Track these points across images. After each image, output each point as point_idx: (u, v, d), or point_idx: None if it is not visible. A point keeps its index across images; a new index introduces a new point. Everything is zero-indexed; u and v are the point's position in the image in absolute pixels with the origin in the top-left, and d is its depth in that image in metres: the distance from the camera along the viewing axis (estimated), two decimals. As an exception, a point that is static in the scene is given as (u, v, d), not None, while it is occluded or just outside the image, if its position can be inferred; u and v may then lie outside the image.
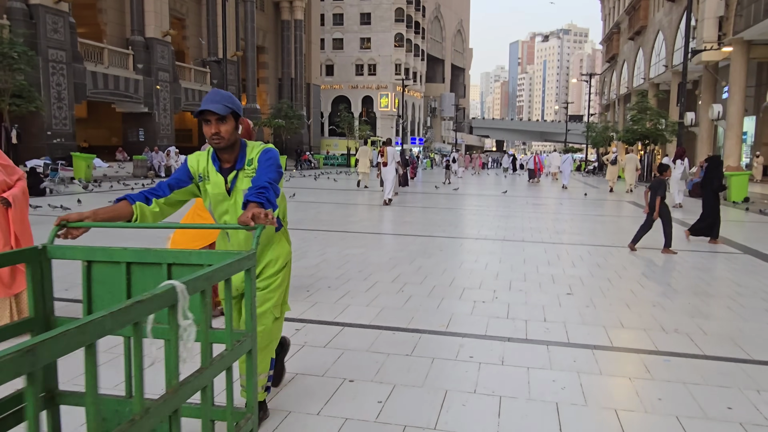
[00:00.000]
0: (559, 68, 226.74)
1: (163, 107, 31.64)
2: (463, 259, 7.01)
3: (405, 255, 7.17)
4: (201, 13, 37.78)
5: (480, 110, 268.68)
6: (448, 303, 4.97)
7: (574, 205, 15.22)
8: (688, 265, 7.02)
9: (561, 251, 7.78)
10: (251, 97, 40.95)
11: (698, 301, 5.27)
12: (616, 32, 60.88)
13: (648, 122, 28.28)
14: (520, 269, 6.46)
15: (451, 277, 6.00)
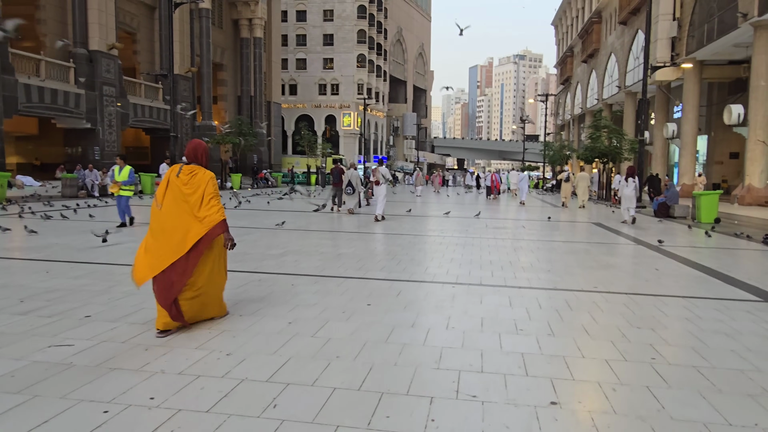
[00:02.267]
0: (515, 91, 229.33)
1: (109, 123, 28.78)
2: (395, 323, 4.78)
3: (313, 317, 4.91)
4: (153, 27, 35.11)
5: (442, 130, 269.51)
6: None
7: (537, 229, 13.23)
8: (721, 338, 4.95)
9: (530, 301, 5.64)
10: (207, 114, 38.29)
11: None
12: (569, 55, 60.48)
13: (606, 140, 26.87)
14: (476, 343, 4.27)
15: (366, 367, 3.76)
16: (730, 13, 24.02)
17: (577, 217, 17.33)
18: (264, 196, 24.82)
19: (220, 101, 44.72)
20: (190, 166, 4.53)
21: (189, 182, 4.37)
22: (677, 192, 17.26)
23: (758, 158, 22.60)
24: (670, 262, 8.42)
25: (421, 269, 7.35)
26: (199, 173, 4.44)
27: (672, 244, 10.45)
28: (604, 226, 14.24)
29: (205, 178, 4.42)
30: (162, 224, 4.32)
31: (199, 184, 4.37)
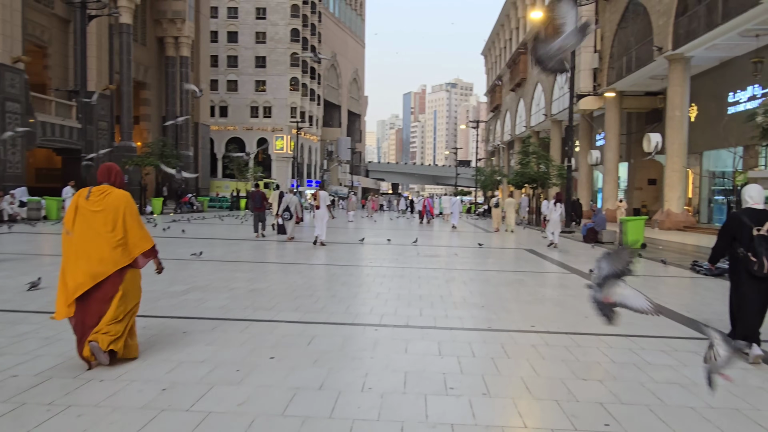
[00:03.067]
0: (448, 118, 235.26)
1: (12, 142, 26.26)
2: (300, 384, 3.90)
3: (197, 379, 3.95)
4: (68, 42, 32.80)
5: (377, 155, 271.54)
6: None
7: (469, 257, 12.71)
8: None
9: (463, 346, 4.91)
10: (126, 134, 35.99)
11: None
12: (498, 84, 62.26)
13: (535, 165, 27.27)
14: (396, 412, 3.46)
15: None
16: (647, 46, 25.14)
17: (509, 243, 17.08)
18: (182, 222, 23.22)
19: (142, 121, 42.36)
20: (101, 186, 4.26)
21: (101, 202, 4.12)
22: (605, 217, 17.40)
23: (676, 185, 23.46)
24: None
25: (341, 308, 6.48)
26: (112, 193, 4.19)
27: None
28: (537, 252, 13.95)
29: (121, 198, 4.18)
30: (75, 251, 4.05)
31: (115, 205, 4.12)
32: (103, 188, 4.24)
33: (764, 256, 4.49)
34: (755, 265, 4.54)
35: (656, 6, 24.05)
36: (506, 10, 56.42)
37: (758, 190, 4.86)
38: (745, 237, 4.61)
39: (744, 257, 4.60)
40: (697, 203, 27.45)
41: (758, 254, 4.52)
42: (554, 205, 15.56)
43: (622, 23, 28.40)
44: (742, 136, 20.20)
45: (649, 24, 24.79)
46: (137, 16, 38.82)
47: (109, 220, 4.10)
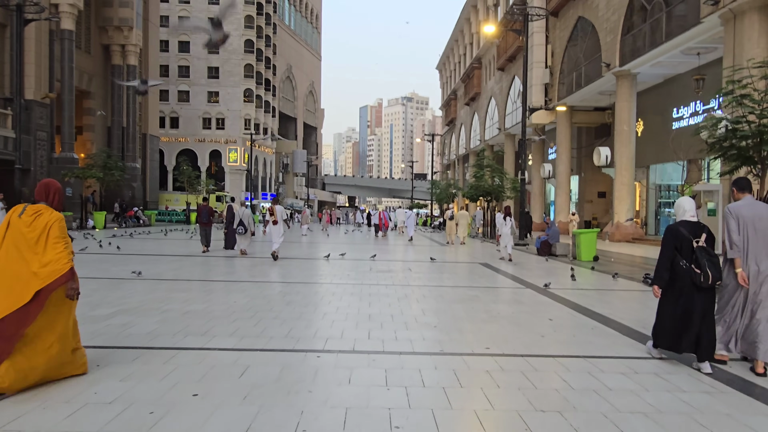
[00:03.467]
0: (404, 131, 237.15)
1: (-63, 153, 24.47)
2: (223, 429, 3.39)
3: (99, 426, 3.37)
4: (4, 47, 31.06)
5: (333, 168, 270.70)
6: None
7: (423, 271, 12.37)
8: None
9: (412, 375, 4.48)
10: (67, 145, 34.24)
11: None
12: (453, 98, 63.02)
13: (489, 179, 27.40)
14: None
15: None
16: (595, 63, 25.74)
17: (464, 257, 16.87)
18: (122, 238, 22.07)
19: (86, 131, 40.56)
20: (36, 205, 4.09)
21: (32, 224, 3.94)
22: (558, 230, 17.44)
23: (625, 198, 23.95)
24: (562, 309, 7.77)
25: (283, 331, 5.96)
26: (44, 213, 4.01)
27: (559, 287, 9.97)
28: (491, 266, 13.75)
29: (50, 219, 3.98)
30: (0, 271, 3.83)
31: (43, 226, 3.93)
32: (37, 208, 4.06)
33: (708, 266, 4.59)
34: (701, 277, 4.61)
35: (604, 24, 24.67)
36: (460, 26, 57.31)
37: (691, 203, 4.93)
38: (686, 249, 4.71)
39: (688, 269, 4.67)
40: (644, 215, 28.15)
41: (702, 265, 4.61)
42: (504, 219, 15.62)
43: (571, 40, 29.06)
44: (690, 150, 20.80)
45: (598, 41, 25.41)
46: (81, 23, 37.26)
47: (36, 241, 3.92)
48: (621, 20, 23.04)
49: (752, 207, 4.81)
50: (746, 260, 4.72)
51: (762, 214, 4.76)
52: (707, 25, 17.75)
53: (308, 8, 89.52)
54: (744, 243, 4.72)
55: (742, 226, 4.74)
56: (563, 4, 29.19)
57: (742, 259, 4.72)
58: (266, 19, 66.95)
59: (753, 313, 4.73)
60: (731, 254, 4.76)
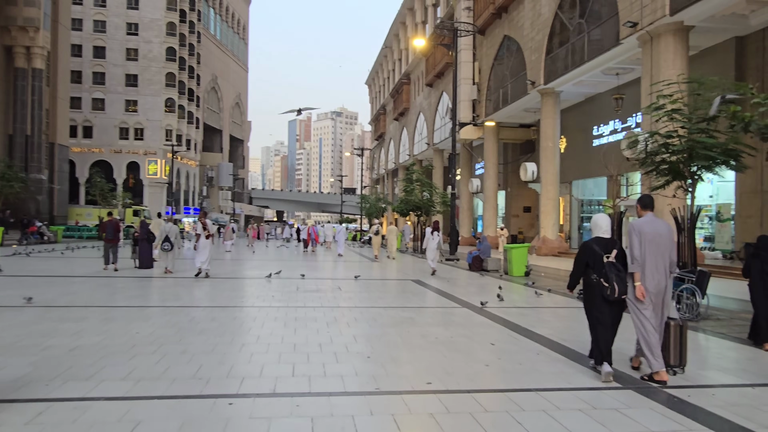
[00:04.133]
0: (333, 146, 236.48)
1: None
2: None
3: None
4: None
5: (261, 182, 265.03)
6: None
7: (355, 290, 11.65)
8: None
9: (343, 424, 3.74)
10: (-41, 154, 30.86)
11: None
12: (382, 113, 63.15)
13: (419, 193, 27.20)
14: None
15: None
16: (521, 80, 26.26)
17: (395, 274, 16.32)
18: (19, 257, 19.87)
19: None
20: None
21: None
22: (489, 245, 17.29)
23: (550, 212, 24.38)
24: (501, 330, 7.29)
25: (190, 370, 5.03)
26: None
27: (495, 305, 9.56)
28: (424, 283, 13.25)
29: None
30: None
31: None
32: None
33: (614, 281, 4.85)
34: (608, 290, 4.88)
35: (529, 43, 25.23)
36: (389, 42, 57.63)
37: (606, 220, 5.17)
38: (598, 264, 4.97)
39: (597, 283, 4.94)
40: (568, 229, 28.89)
41: (609, 279, 4.87)
42: (432, 234, 15.78)
43: (498, 58, 29.60)
44: (621, 165, 21.38)
45: (523, 59, 25.95)
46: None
47: None
48: (545, 40, 23.61)
49: (653, 224, 5.07)
50: (645, 274, 4.96)
51: (661, 231, 5.05)
52: (626, 47, 18.37)
53: (235, 18, 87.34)
54: (645, 258, 4.97)
55: (644, 242, 4.98)
56: (490, 22, 29.73)
57: (642, 273, 4.96)
58: (190, 26, 64.47)
59: (646, 324, 5.00)
60: (632, 269, 5.00)
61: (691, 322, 8.04)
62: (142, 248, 15.16)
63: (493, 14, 28.80)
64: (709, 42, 17.61)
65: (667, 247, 5.02)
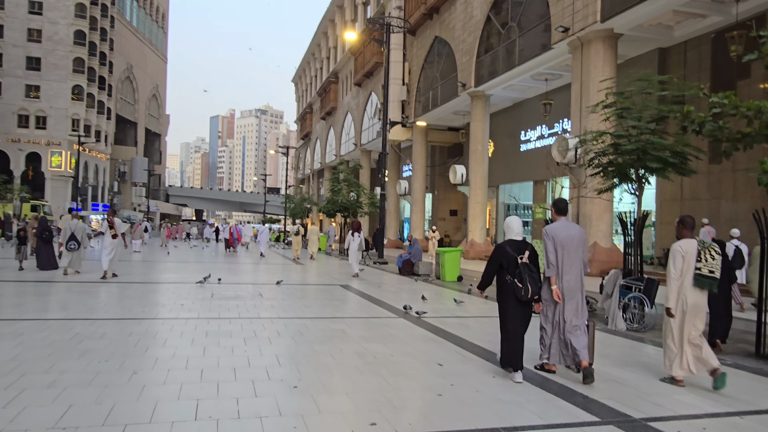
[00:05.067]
0: (257, 144, 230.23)
1: None
2: None
3: None
4: None
5: (180, 179, 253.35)
6: None
7: (278, 297, 10.47)
8: None
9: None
10: None
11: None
12: (309, 112, 61.60)
13: (347, 193, 26.20)
14: None
15: None
16: (451, 82, 25.94)
17: (323, 278, 15.20)
18: None
19: None
20: None
21: None
22: (420, 249, 16.58)
23: (478, 216, 24.16)
24: (446, 346, 6.43)
25: (52, 415, 3.72)
26: None
27: (434, 314, 8.73)
28: (353, 289, 12.25)
29: None
30: None
31: None
32: None
33: (528, 282, 4.91)
34: (522, 291, 4.93)
35: (460, 45, 24.94)
36: (317, 40, 56.27)
37: (518, 223, 5.27)
38: (511, 265, 5.01)
39: (511, 283, 4.99)
40: (494, 233, 28.94)
41: (523, 280, 4.92)
42: (352, 235, 15.21)
43: (428, 59, 29.21)
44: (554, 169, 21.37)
45: (454, 61, 25.64)
46: None
47: None
48: (476, 42, 23.37)
49: (566, 228, 5.17)
50: (561, 277, 5.10)
51: (574, 235, 5.17)
52: (557, 52, 18.33)
53: (153, 5, 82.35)
54: (559, 261, 5.09)
55: (558, 246, 5.09)
56: (421, 23, 29.28)
57: (557, 276, 5.09)
58: (102, 10, 59.77)
59: (566, 325, 5.10)
60: (548, 273, 5.14)
61: (637, 332, 7.59)
62: (42, 247, 13.46)
63: (424, 15, 28.37)
64: (634, 52, 17.89)
65: (579, 250, 5.15)
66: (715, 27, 15.41)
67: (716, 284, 4.94)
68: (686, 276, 4.93)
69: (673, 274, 4.94)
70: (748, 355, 6.49)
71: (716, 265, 4.91)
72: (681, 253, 4.97)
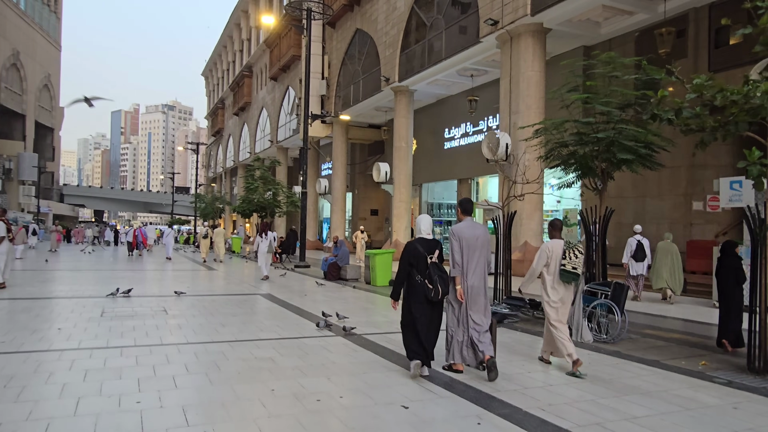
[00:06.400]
0: (164, 141, 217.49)
1: None
2: None
3: None
4: None
5: (77, 177, 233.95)
6: None
7: (183, 311, 8.73)
8: None
9: None
10: None
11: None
12: (221, 108, 58.24)
13: (264, 191, 24.31)
14: None
15: None
16: (374, 77, 24.81)
17: (237, 286, 13.43)
18: None
19: None
20: None
21: None
22: (348, 251, 15.22)
23: (403, 215, 23.21)
24: (404, 375, 5.14)
25: None
26: None
27: (375, 329, 7.43)
28: (277, 299, 10.69)
29: None
30: None
31: None
32: None
33: (438, 282, 4.84)
34: (432, 291, 4.85)
35: (383, 38, 23.85)
36: (229, 31, 53.21)
37: (428, 222, 5.20)
38: (421, 265, 4.90)
39: (421, 284, 4.87)
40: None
41: (433, 281, 4.85)
42: (261, 236, 14.56)
43: (349, 52, 27.90)
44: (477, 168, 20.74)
45: (377, 55, 24.52)
46: None
47: None
48: (401, 35, 22.38)
49: (472, 228, 5.13)
50: (466, 277, 5.04)
51: (479, 235, 5.11)
52: (485, 45, 17.69)
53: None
54: (465, 261, 5.03)
55: (465, 246, 5.03)
56: (341, 15, 27.90)
57: (462, 276, 5.03)
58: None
59: (471, 325, 5.05)
60: (453, 272, 5.04)
61: (607, 344, 6.71)
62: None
63: (344, 6, 27.03)
64: (560, 49, 17.59)
65: (484, 250, 5.13)
66: (640, 25, 15.34)
67: (579, 279, 5.46)
68: (555, 272, 5.43)
69: (534, 266, 5.54)
70: (740, 369, 5.76)
71: (579, 263, 5.37)
72: (547, 253, 5.48)
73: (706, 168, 14.11)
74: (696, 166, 14.20)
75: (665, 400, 4.52)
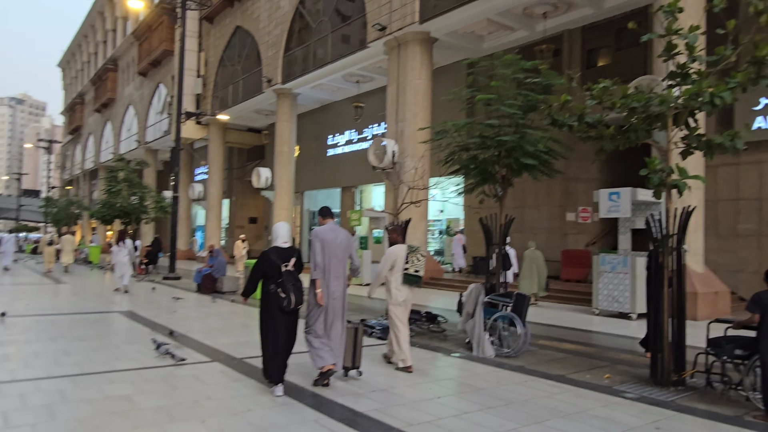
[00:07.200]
0: (11, 139, 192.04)
1: None
2: None
3: None
4: None
5: None
6: None
7: (21, 335, 7.03)
8: None
9: None
10: None
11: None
12: (80, 103, 52.36)
13: (128, 195, 21.75)
14: None
15: None
16: (255, 77, 23.47)
17: (93, 301, 11.51)
18: None
19: None
20: None
21: None
22: (224, 261, 13.82)
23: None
24: (303, 413, 4.27)
25: None
26: None
27: (249, 351, 6.42)
28: (140, 317, 9.15)
29: None
30: None
31: None
32: None
33: (292, 291, 4.66)
34: (285, 301, 4.66)
35: (265, 37, 22.63)
36: (91, 20, 48.07)
37: (285, 229, 5.06)
38: (275, 274, 4.73)
39: (275, 293, 4.69)
40: (299, 242, 27.05)
41: (287, 290, 4.67)
42: (118, 245, 13.62)
43: (228, 50, 26.22)
44: (361, 176, 20.09)
45: (258, 55, 23.22)
46: None
47: None
48: (285, 35, 21.33)
49: (333, 231, 5.12)
50: (327, 280, 4.97)
51: (341, 239, 5.12)
52: (372, 51, 17.31)
53: None
54: (326, 264, 4.97)
55: (327, 249, 4.99)
56: (220, 10, 26.15)
57: (323, 279, 4.94)
58: None
59: (330, 329, 4.98)
60: (314, 275, 4.95)
61: (510, 359, 6.36)
62: None
63: (224, 1, 25.36)
64: (445, 60, 17.68)
65: (345, 254, 5.14)
66: (520, 42, 15.85)
67: (420, 281, 5.68)
68: (398, 274, 5.62)
69: (379, 270, 5.74)
70: (643, 381, 5.63)
71: (421, 266, 5.63)
72: (392, 257, 5.68)
73: (578, 181, 14.86)
74: (569, 179, 14.88)
75: (587, 423, 4.13)
